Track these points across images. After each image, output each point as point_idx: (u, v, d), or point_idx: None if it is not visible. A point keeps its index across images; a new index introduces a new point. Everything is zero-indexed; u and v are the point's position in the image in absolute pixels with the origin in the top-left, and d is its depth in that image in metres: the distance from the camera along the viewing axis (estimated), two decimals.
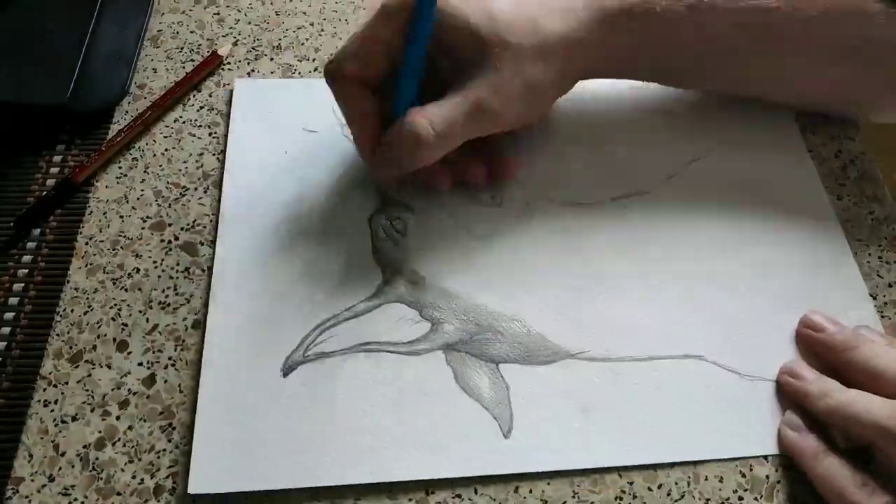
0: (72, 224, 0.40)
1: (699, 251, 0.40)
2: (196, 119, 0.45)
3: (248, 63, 0.48)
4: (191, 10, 0.50)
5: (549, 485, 0.33)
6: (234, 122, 0.44)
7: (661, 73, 0.43)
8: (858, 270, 0.40)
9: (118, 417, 0.34)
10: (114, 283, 0.38)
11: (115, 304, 0.38)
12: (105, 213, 0.41)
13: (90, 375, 0.36)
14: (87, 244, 0.40)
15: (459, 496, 0.33)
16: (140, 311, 0.38)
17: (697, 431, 0.35)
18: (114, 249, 0.40)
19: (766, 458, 0.35)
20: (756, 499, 0.34)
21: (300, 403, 0.35)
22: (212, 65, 0.47)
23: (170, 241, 0.40)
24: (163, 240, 0.40)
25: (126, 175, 0.42)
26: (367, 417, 0.34)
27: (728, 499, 0.33)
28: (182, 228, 0.40)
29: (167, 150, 0.44)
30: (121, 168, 0.43)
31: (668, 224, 0.41)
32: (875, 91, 0.43)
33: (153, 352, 0.36)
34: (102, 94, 0.45)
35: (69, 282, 0.38)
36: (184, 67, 0.47)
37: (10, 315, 0.37)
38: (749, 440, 0.35)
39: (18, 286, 0.38)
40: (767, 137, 0.45)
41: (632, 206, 0.42)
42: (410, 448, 0.34)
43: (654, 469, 0.34)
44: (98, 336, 0.37)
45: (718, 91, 0.45)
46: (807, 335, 0.37)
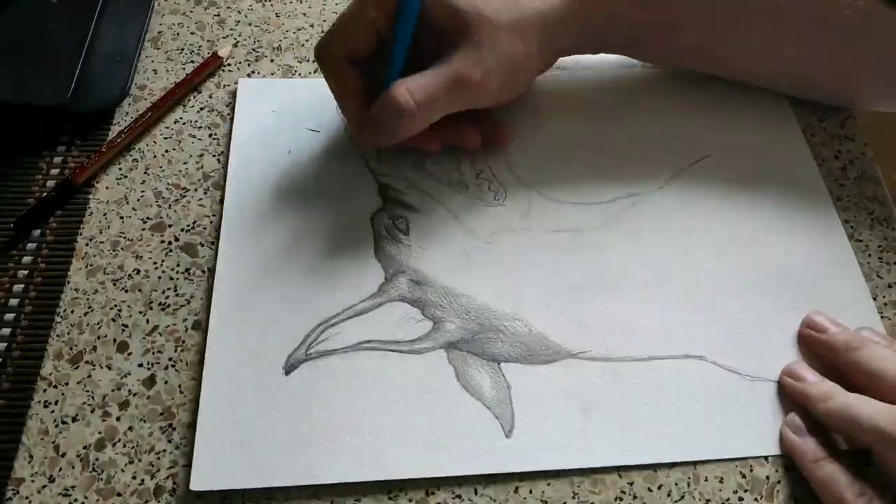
0: (72, 225, 0.40)
1: (700, 251, 0.40)
2: (196, 120, 0.45)
3: (249, 64, 0.48)
4: (191, 12, 0.50)
5: (549, 485, 0.33)
6: (238, 122, 0.44)
7: (634, 49, 0.44)
8: (860, 270, 0.40)
9: (118, 418, 0.34)
10: (114, 284, 0.38)
11: (116, 305, 0.38)
12: (105, 214, 0.41)
13: (90, 376, 0.35)
14: (88, 245, 0.40)
15: (459, 497, 0.33)
16: (140, 312, 0.37)
17: (698, 431, 0.35)
18: (114, 250, 0.40)
19: (767, 459, 0.35)
20: (756, 499, 0.34)
21: (302, 401, 0.35)
22: (212, 66, 0.47)
23: (170, 242, 0.40)
24: (163, 241, 0.40)
25: (126, 176, 0.42)
26: (369, 416, 0.34)
27: (728, 499, 0.33)
28: (182, 229, 0.40)
29: (167, 152, 0.44)
30: (121, 169, 0.43)
31: (670, 224, 0.41)
32: (857, 76, 0.44)
33: (153, 353, 0.36)
34: (103, 95, 0.45)
35: (69, 283, 0.38)
36: (184, 69, 0.47)
37: (11, 316, 0.37)
38: (749, 440, 0.35)
39: (18, 287, 0.38)
40: (769, 138, 0.45)
41: (633, 207, 0.42)
42: (412, 446, 0.34)
43: (654, 469, 0.34)
44: (98, 337, 0.37)
45: (693, 67, 0.46)
46: (808, 336, 0.37)
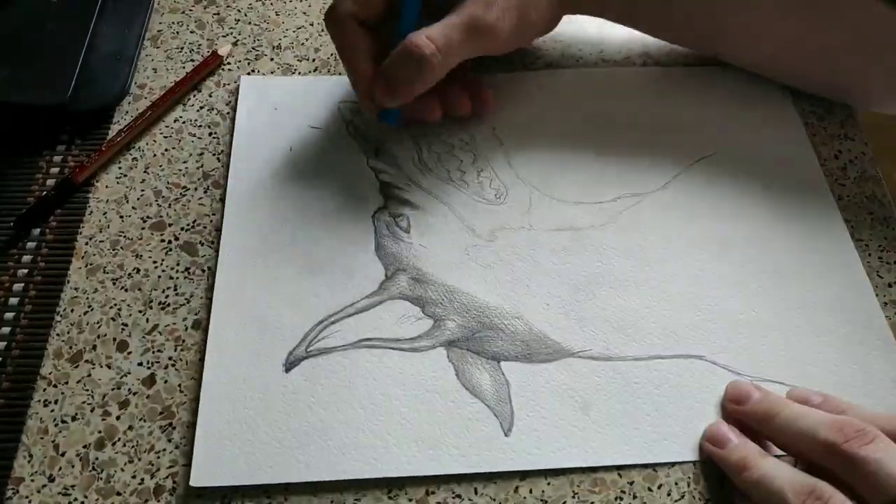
0: (72, 224, 0.40)
1: (701, 251, 0.40)
2: (196, 119, 0.45)
3: (248, 63, 0.48)
4: (191, 10, 0.50)
5: (549, 485, 0.33)
6: (240, 119, 0.44)
7: (635, 16, 0.44)
8: (863, 269, 0.40)
9: (118, 417, 0.34)
10: (114, 283, 0.38)
11: (115, 304, 0.38)
12: (105, 213, 0.41)
13: (90, 375, 0.35)
14: (87, 244, 0.40)
15: (459, 496, 0.33)
16: (140, 311, 0.37)
17: (697, 431, 0.35)
18: (114, 249, 0.40)
19: None
20: None
21: (302, 399, 0.35)
22: (212, 65, 0.47)
23: (170, 241, 0.40)
24: (163, 240, 0.40)
25: (126, 175, 0.42)
26: (369, 413, 0.34)
27: (728, 499, 0.33)
28: (182, 228, 0.40)
29: (167, 150, 0.44)
30: (121, 168, 0.43)
31: (670, 224, 0.41)
32: (858, 71, 0.44)
33: (153, 352, 0.36)
34: (103, 94, 0.45)
35: (69, 282, 0.38)
36: (184, 67, 0.47)
37: (10, 315, 0.37)
38: None
39: (18, 286, 0.38)
40: (771, 137, 0.45)
41: (634, 206, 0.42)
42: (411, 444, 0.34)
43: (654, 469, 0.34)
44: (98, 336, 0.37)
45: (691, 44, 0.46)
46: (732, 410, 0.35)
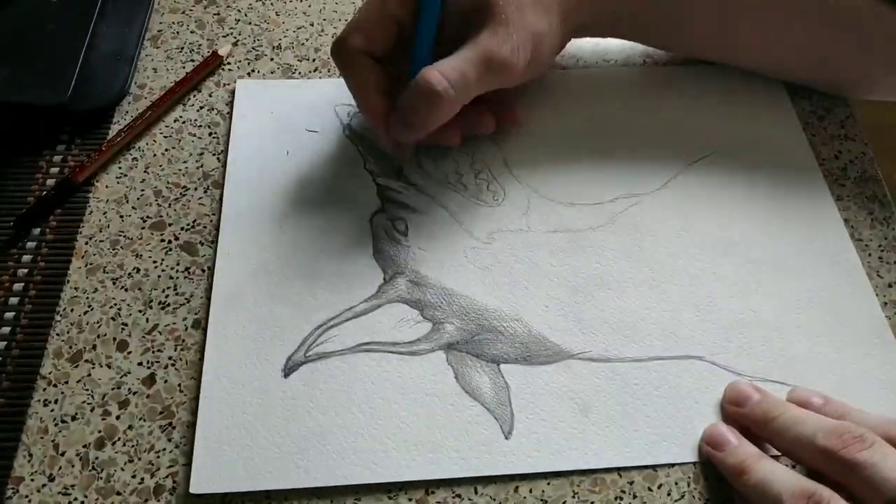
0: (72, 224, 0.40)
1: (700, 251, 0.40)
2: (196, 119, 0.45)
3: (248, 63, 0.48)
4: (191, 10, 0.50)
5: (549, 485, 0.33)
6: (236, 122, 0.44)
7: (640, 36, 0.44)
8: (863, 269, 0.40)
9: (118, 417, 0.34)
10: (114, 283, 0.38)
11: (115, 304, 0.38)
12: (105, 213, 0.41)
13: (90, 375, 0.36)
14: (87, 244, 0.40)
15: (459, 496, 0.33)
16: (140, 311, 0.38)
17: (697, 432, 0.35)
18: (114, 249, 0.40)
19: None
20: None
21: (301, 404, 0.35)
22: (212, 65, 0.47)
23: (170, 241, 0.40)
24: (163, 240, 0.40)
25: (126, 175, 0.42)
26: (368, 418, 0.34)
27: (728, 498, 0.33)
28: (182, 228, 0.40)
29: (167, 150, 0.44)
30: (121, 168, 0.43)
31: (669, 224, 0.41)
32: (865, 68, 0.44)
33: (153, 351, 0.36)
34: (102, 94, 0.45)
35: (69, 281, 0.38)
36: (184, 67, 0.47)
37: (10, 315, 0.37)
38: None
39: (18, 286, 0.38)
40: (770, 137, 0.45)
41: (633, 207, 0.42)
42: (411, 448, 0.34)
43: (654, 469, 0.34)
44: (98, 336, 0.37)
45: (703, 55, 0.46)
46: (731, 412, 0.35)
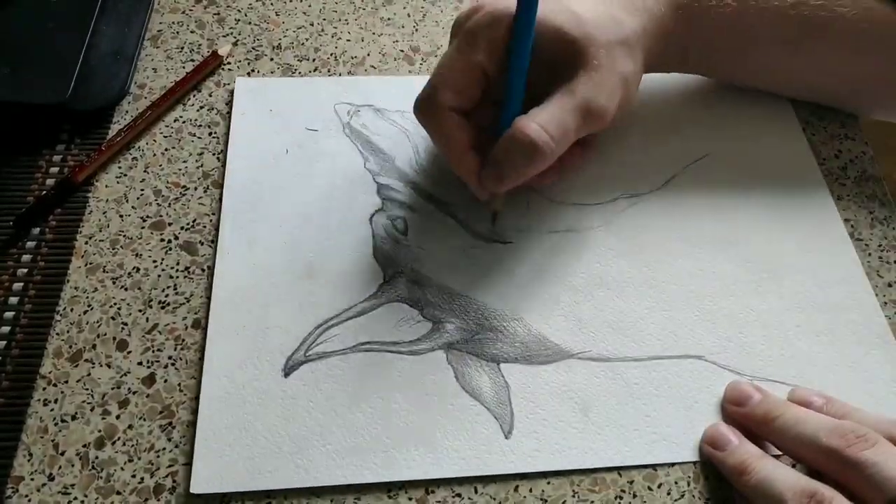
0: (72, 223, 0.40)
1: (700, 251, 0.40)
2: (196, 119, 0.45)
3: (248, 63, 0.48)
4: (191, 10, 0.50)
5: (549, 484, 0.33)
6: (235, 120, 0.44)
7: (706, 69, 0.44)
8: (862, 269, 0.40)
9: (118, 416, 0.34)
10: (113, 283, 0.38)
11: (115, 304, 0.38)
12: (105, 213, 0.41)
13: (90, 374, 0.36)
14: (87, 243, 0.40)
15: (459, 495, 0.33)
16: (140, 311, 0.37)
17: (697, 432, 0.35)
18: (113, 249, 0.40)
19: None
20: None
21: (301, 403, 0.35)
22: (212, 65, 0.47)
23: (170, 241, 0.40)
24: (163, 239, 0.40)
25: (126, 174, 0.42)
26: (368, 417, 0.34)
27: (728, 498, 0.33)
28: (182, 228, 0.40)
29: (167, 150, 0.44)
30: (121, 167, 0.43)
31: (669, 224, 0.41)
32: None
33: (153, 351, 0.36)
34: (102, 94, 0.44)
35: (69, 281, 0.38)
36: (184, 67, 0.47)
37: (10, 314, 0.37)
38: None
39: (18, 285, 0.38)
40: (769, 137, 0.45)
41: (633, 207, 0.42)
42: (411, 448, 0.34)
43: (654, 468, 0.34)
44: (98, 335, 0.37)
45: (761, 84, 0.46)
46: (732, 412, 0.35)
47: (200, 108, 0.45)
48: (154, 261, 0.39)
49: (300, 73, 0.47)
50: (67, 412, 0.34)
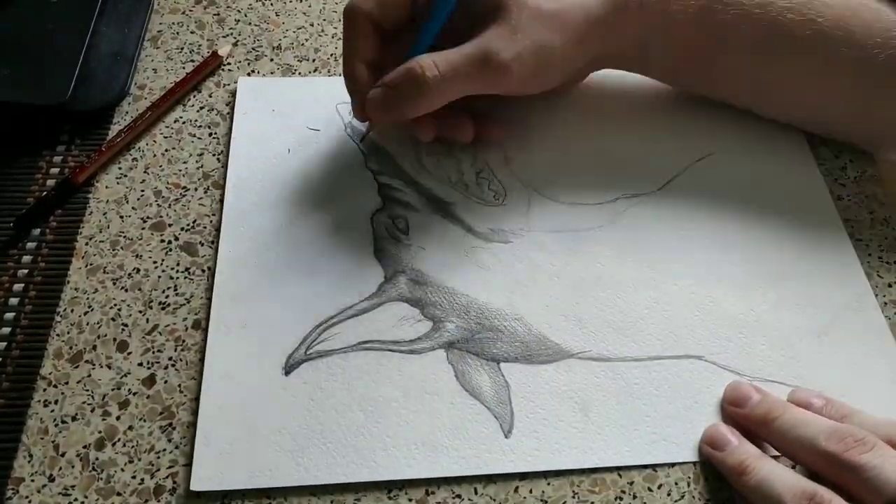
0: (72, 224, 0.40)
1: (700, 251, 0.40)
2: (196, 119, 0.45)
3: (248, 63, 0.48)
4: (191, 11, 0.50)
5: (549, 484, 0.33)
6: (237, 120, 0.44)
7: (670, 73, 0.43)
8: (862, 269, 0.40)
9: (118, 417, 0.34)
10: (114, 284, 0.38)
11: (115, 305, 0.38)
12: (105, 214, 0.41)
13: (90, 375, 0.35)
14: (88, 244, 0.40)
15: (459, 496, 0.33)
16: (140, 312, 0.37)
17: (697, 432, 0.35)
18: (114, 249, 0.40)
19: None
20: None
21: (301, 401, 0.35)
22: (212, 65, 0.47)
23: (170, 242, 0.40)
24: (163, 240, 0.40)
25: (126, 175, 0.42)
26: (368, 416, 0.34)
27: (728, 498, 0.33)
28: (182, 229, 0.40)
29: (167, 151, 0.44)
30: (121, 168, 0.43)
31: (670, 224, 0.41)
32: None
33: (153, 352, 0.36)
34: (102, 95, 0.45)
35: (69, 282, 0.38)
36: (184, 68, 0.47)
37: (10, 315, 0.37)
38: None
39: (18, 286, 0.38)
40: (770, 137, 0.45)
41: (634, 207, 0.42)
42: (411, 447, 0.34)
43: (654, 469, 0.34)
44: (98, 336, 0.37)
45: (730, 97, 0.44)
46: (731, 413, 0.35)
47: (200, 109, 0.45)
48: (154, 262, 0.39)
49: (300, 74, 0.47)
50: (68, 413, 0.34)
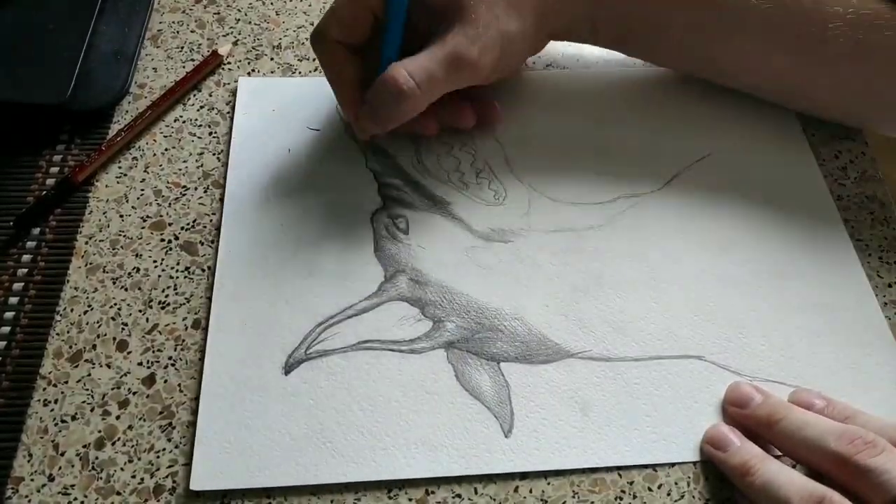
0: (72, 223, 0.40)
1: (700, 251, 0.40)
2: (196, 118, 0.45)
3: (249, 63, 0.48)
4: (191, 10, 0.50)
5: (549, 484, 0.33)
6: (237, 120, 0.44)
7: (618, 44, 0.44)
8: (862, 269, 0.40)
9: (118, 417, 0.34)
10: (114, 283, 0.38)
11: (115, 304, 0.38)
12: (105, 213, 0.41)
13: (90, 375, 0.35)
14: (87, 244, 0.40)
15: (459, 496, 0.33)
16: (140, 311, 0.37)
17: (697, 432, 0.35)
18: (114, 249, 0.40)
19: None
20: None
21: (301, 401, 0.35)
22: (212, 64, 0.47)
23: (170, 241, 0.40)
24: (163, 239, 0.40)
25: (126, 174, 0.42)
26: (368, 416, 0.34)
27: (728, 498, 0.33)
28: (182, 228, 0.40)
29: (167, 150, 0.44)
30: (121, 167, 0.43)
31: (670, 224, 0.41)
32: (865, 96, 0.42)
33: (153, 351, 0.36)
34: (103, 94, 0.44)
35: (69, 281, 0.38)
36: (184, 67, 0.47)
37: (10, 315, 0.37)
38: None
39: (18, 286, 0.38)
40: (770, 137, 0.45)
41: (633, 206, 0.42)
42: (411, 446, 0.34)
43: (654, 469, 0.34)
44: (98, 335, 0.37)
45: (682, 68, 0.45)
46: (733, 413, 0.35)
47: (201, 108, 0.45)
48: (154, 261, 0.39)
49: (300, 73, 0.47)
50: (67, 412, 0.34)
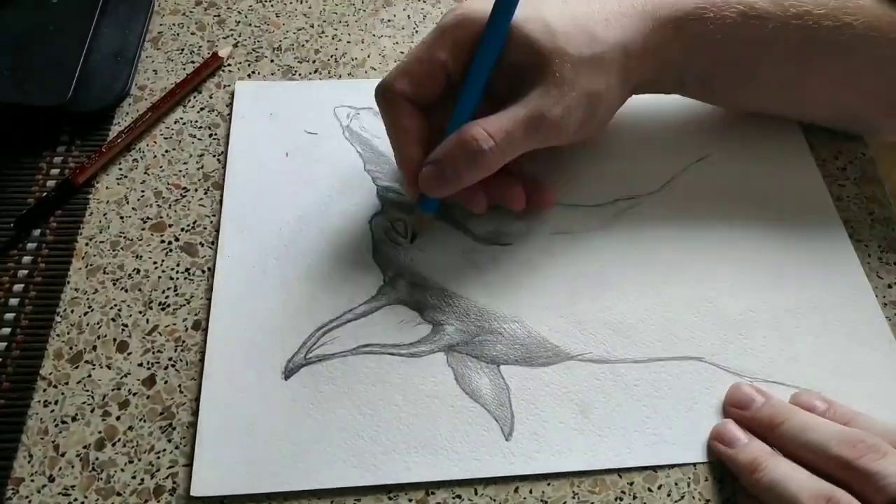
0: (72, 225, 0.40)
1: (699, 252, 0.40)
2: (196, 120, 0.45)
3: (249, 65, 0.48)
4: (191, 12, 0.50)
5: (549, 485, 0.33)
6: (236, 124, 0.44)
7: (706, 91, 0.42)
8: (862, 270, 0.40)
9: (118, 418, 0.34)
10: (114, 284, 0.38)
11: (116, 305, 0.38)
12: (105, 214, 0.41)
13: (90, 376, 0.36)
14: (88, 245, 0.40)
15: (459, 497, 0.33)
16: (140, 312, 0.38)
17: (697, 433, 0.35)
18: (114, 250, 0.40)
19: None
20: None
21: (301, 406, 0.35)
22: (212, 66, 0.47)
23: (170, 242, 0.40)
24: (163, 241, 0.40)
25: (126, 176, 0.42)
26: (368, 420, 0.34)
27: (728, 499, 0.33)
28: (182, 229, 0.40)
29: (167, 152, 0.44)
30: (121, 169, 0.43)
31: (669, 226, 0.41)
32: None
33: (153, 352, 0.36)
34: (103, 96, 0.45)
35: (69, 282, 0.38)
36: (184, 69, 0.47)
37: (10, 315, 0.37)
38: None
39: (18, 286, 0.38)
40: (770, 138, 0.45)
41: (633, 208, 0.42)
42: (411, 450, 0.34)
43: (654, 469, 0.34)
44: (98, 337, 0.37)
45: (767, 108, 0.43)
46: (734, 415, 0.35)
47: (201, 110, 0.46)
48: (154, 262, 0.39)
49: (300, 75, 0.47)
50: (68, 413, 0.35)
